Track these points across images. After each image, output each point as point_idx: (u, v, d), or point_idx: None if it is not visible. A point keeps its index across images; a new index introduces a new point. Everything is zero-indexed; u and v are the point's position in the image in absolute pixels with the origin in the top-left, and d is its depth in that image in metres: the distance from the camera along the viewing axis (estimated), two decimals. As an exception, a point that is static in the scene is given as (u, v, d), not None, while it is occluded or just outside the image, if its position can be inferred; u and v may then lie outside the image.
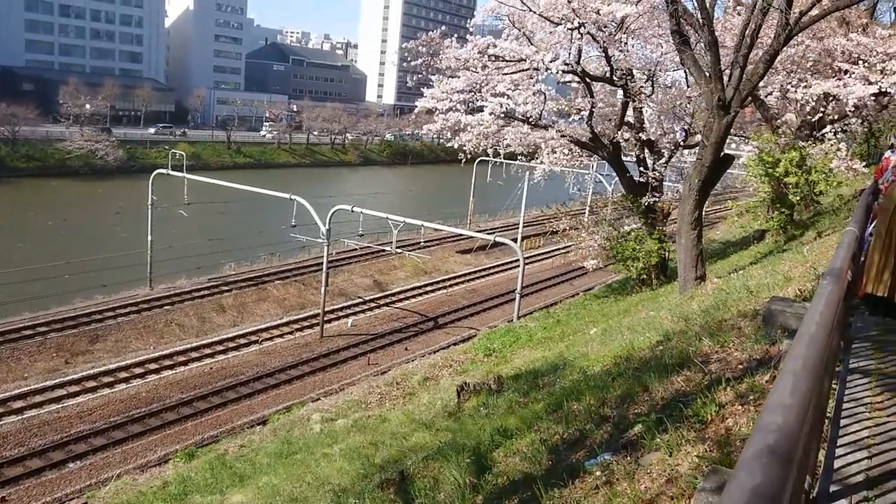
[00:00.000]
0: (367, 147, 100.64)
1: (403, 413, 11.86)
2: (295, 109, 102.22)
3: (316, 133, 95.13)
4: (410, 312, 30.37)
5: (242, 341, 25.69)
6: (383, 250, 32.58)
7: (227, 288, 30.33)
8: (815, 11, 11.99)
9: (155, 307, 27.40)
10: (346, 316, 29.37)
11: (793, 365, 1.01)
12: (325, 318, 27.13)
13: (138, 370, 22.42)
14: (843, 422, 3.75)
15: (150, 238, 29.75)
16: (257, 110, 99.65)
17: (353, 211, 27.24)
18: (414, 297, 32.67)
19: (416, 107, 19.40)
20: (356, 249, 34.66)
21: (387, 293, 32.57)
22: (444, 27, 19.27)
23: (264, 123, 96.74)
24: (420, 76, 19.52)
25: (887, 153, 6.59)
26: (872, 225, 6.25)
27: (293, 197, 28.04)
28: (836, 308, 1.42)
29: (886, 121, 27.68)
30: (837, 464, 3.24)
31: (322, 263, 27.44)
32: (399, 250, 30.56)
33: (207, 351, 24.46)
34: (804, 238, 15.22)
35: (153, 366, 22.86)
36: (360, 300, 31.25)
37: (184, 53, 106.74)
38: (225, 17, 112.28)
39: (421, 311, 30.65)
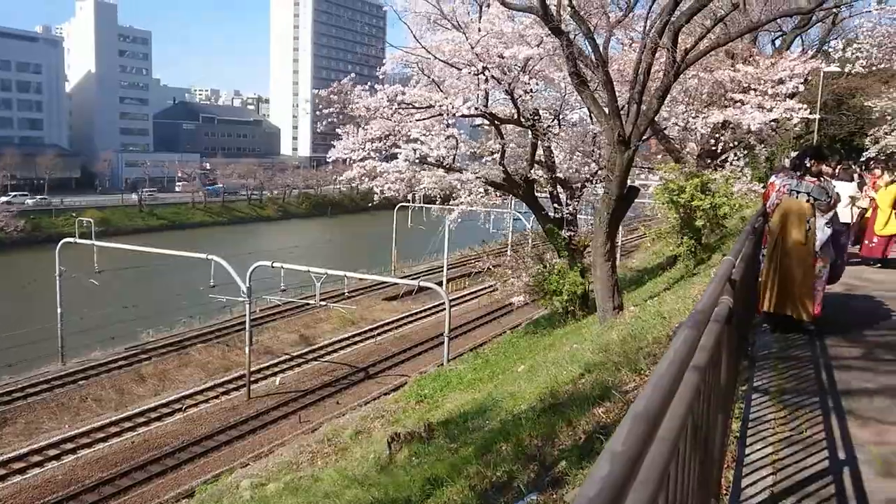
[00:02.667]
0: (285, 201, 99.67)
1: (336, 470, 11.56)
2: (208, 167, 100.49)
3: (230, 191, 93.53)
4: (340, 365, 29.87)
5: (165, 410, 24.60)
6: (307, 304, 32.07)
7: (145, 356, 29.14)
8: (700, 47, 12.76)
9: (68, 383, 26.02)
10: (274, 374, 28.60)
11: (633, 409, 1.05)
12: (252, 379, 26.36)
13: (53, 452, 21.09)
14: (748, 440, 3.88)
15: (59, 310, 28.37)
16: (168, 171, 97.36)
17: (273, 266, 26.80)
18: (342, 348, 32.17)
19: (331, 157, 19.45)
20: (279, 305, 34.00)
21: (314, 347, 31.96)
22: (353, 74, 19.45)
23: (177, 183, 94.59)
24: (332, 123, 19.57)
25: (772, 178, 6.99)
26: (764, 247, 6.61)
27: (210, 257, 27.38)
28: (690, 353, 1.48)
29: (778, 144, 29.47)
30: (745, 483, 3.35)
31: (245, 322, 26.76)
32: (323, 303, 30.17)
33: (128, 424, 23.28)
34: (712, 261, 15.88)
35: (69, 445, 21.57)
36: (288, 357, 30.53)
37: (88, 117, 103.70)
38: (130, 78, 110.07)
39: (350, 362, 30.19)
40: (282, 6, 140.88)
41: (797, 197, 6.44)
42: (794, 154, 10.84)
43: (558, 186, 20.20)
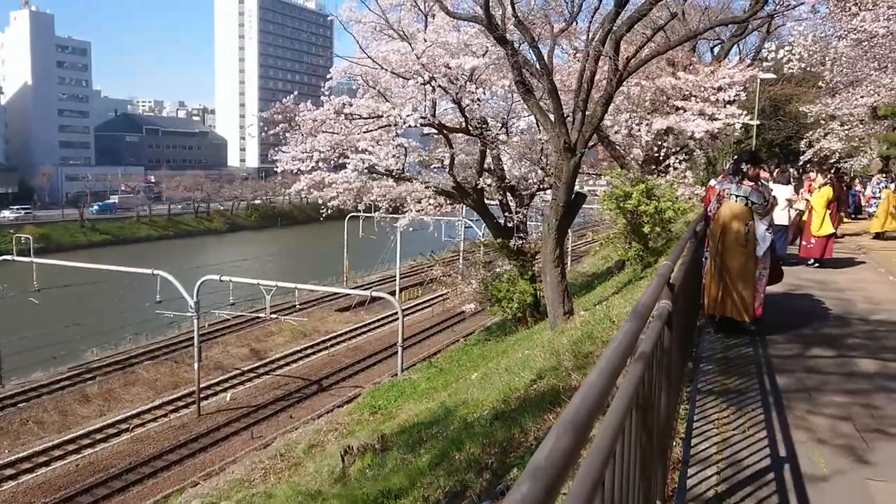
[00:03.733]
0: (233, 213, 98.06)
1: (289, 486, 11.38)
2: (153, 180, 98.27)
3: (179, 204, 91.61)
4: (292, 378, 29.44)
5: (111, 431, 23.84)
6: (258, 317, 31.57)
7: (90, 375, 28.22)
8: (641, 55, 13.04)
9: (8, 406, 25.02)
10: (225, 390, 28.01)
11: (559, 421, 1.05)
12: (202, 395, 25.77)
13: (-9, 479, 20.26)
14: (693, 441, 3.95)
15: (-4, 331, 27.35)
16: (111, 184, 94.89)
17: (221, 280, 26.31)
18: (295, 361, 31.72)
19: (280, 169, 19.25)
20: (229, 320, 33.39)
21: (266, 361, 31.44)
22: (296, 93, 19.25)
23: (119, 197, 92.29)
24: (278, 138, 19.35)
25: (712, 181, 7.18)
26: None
27: (156, 272, 26.75)
28: (622, 361, 1.50)
29: (720, 149, 30.30)
30: (690, 483, 3.41)
31: (193, 338, 26.19)
32: (274, 316, 29.73)
33: (72, 447, 22.49)
34: (659, 264, 16.19)
35: (9, 471, 20.70)
36: (239, 371, 29.96)
37: (25, 130, 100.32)
38: (69, 90, 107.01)
39: (303, 375, 29.79)
40: (226, 16, 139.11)
41: (736, 200, 6.62)
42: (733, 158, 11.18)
43: (508, 194, 20.35)
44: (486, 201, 20.91)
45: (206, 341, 30.34)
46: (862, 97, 22.46)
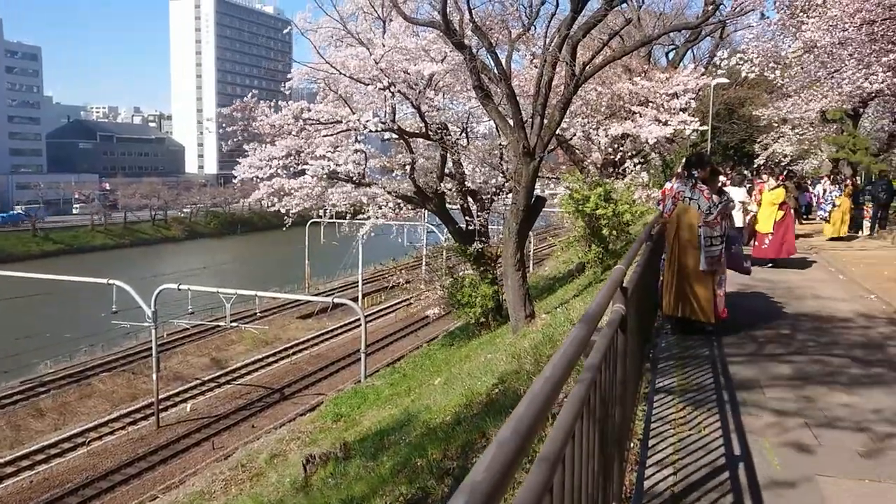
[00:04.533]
0: (191, 220, 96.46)
1: (250, 497, 11.23)
2: (108, 188, 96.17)
3: (134, 211, 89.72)
4: (254, 387, 29.05)
5: (67, 445, 23.21)
6: (218, 326, 31.09)
7: (43, 389, 27.45)
8: (597, 60, 13.22)
9: (-44, 422, 24.23)
10: (185, 401, 27.49)
11: (500, 433, 1.04)
12: (161, 407, 25.27)
13: (-60, 499, 19.57)
14: (651, 442, 4.00)
15: (-56, 346, 26.44)
16: (65, 192, 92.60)
17: (180, 289, 25.84)
18: (256, 370, 31.29)
19: (238, 176, 19.02)
20: (188, 329, 32.81)
21: (227, 370, 30.94)
22: (255, 91, 19.06)
23: (74, 205, 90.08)
24: (237, 142, 19.12)
25: (667, 184, 7.28)
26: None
27: (111, 281, 26.17)
28: (568, 369, 1.50)
29: (676, 152, 30.84)
30: (647, 484, 3.44)
31: (151, 348, 25.67)
32: (234, 324, 29.32)
33: (25, 463, 21.83)
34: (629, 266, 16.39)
35: (-42, 490, 20.06)
36: (199, 381, 29.43)
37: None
38: (19, 96, 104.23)
39: (265, 383, 29.41)
40: (182, 20, 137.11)
41: (689, 203, 6.72)
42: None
43: (469, 198, 20.40)
44: (448, 206, 20.92)
45: (164, 351, 29.77)
46: (812, 101, 23.10)
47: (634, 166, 21.80)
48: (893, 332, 7.26)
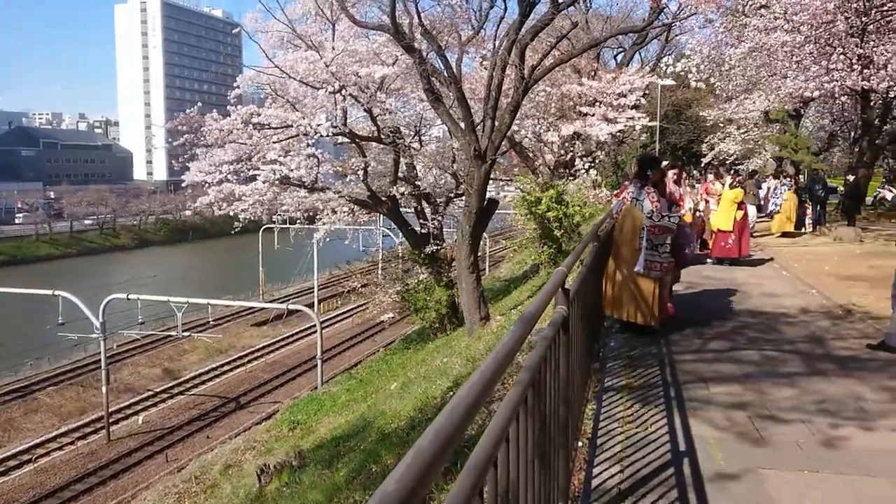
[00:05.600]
0: (141, 228, 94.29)
1: (204, 510, 11.03)
2: (52, 196, 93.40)
3: (84, 221, 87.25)
4: (208, 397, 28.51)
5: (12, 463, 22.42)
6: (169, 336, 30.43)
7: (-14, 405, 26.52)
8: (546, 63, 13.35)
9: None
10: (136, 413, 26.83)
11: (417, 444, 1.03)
12: (112, 420, 24.61)
13: None
14: (599, 440, 4.04)
15: None
16: (7, 201, 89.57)
17: (129, 299, 25.25)
18: (210, 379, 30.72)
19: (187, 182, 18.69)
20: (138, 340, 32.04)
21: (180, 380, 30.31)
22: (199, 104, 18.71)
23: (17, 215, 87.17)
24: (185, 149, 18.76)
25: (626, 183, 7.36)
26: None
27: (57, 292, 25.41)
28: (500, 373, 1.50)
29: (627, 153, 31.36)
30: (595, 483, 3.48)
31: (100, 360, 24.99)
32: (186, 333, 28.74)
33: (-33, 483, 21.05)
34: (573, 267, 16.57)
35: None
36: (151, 393, 28.77)
37: None
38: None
39: (220, 393, 28.89)
40: (128, 24, 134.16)
41: (635, 205, 6.78)
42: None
43: (423, 202, 20.40)
44: (402, 209, 20.88)
45: (114, 363, 29.03)
46: (755, 102, 23.74)
47: (585, 167, 22.07)
48: (832, 325, 7.50)
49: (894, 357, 6.07)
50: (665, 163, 10.04)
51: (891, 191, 6.90)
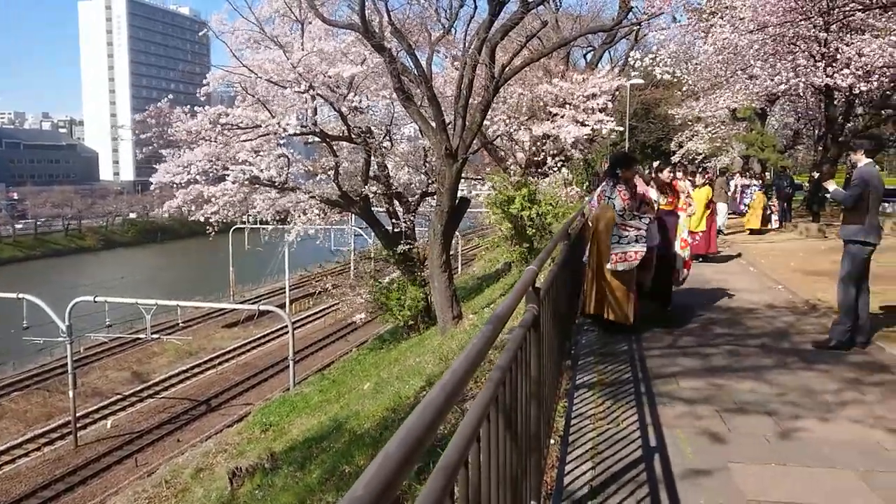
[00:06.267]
0: (108, 229, 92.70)
1: (175, 514, 10.89)
2: (16, 197, 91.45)
3: (43, 220, 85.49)
4: (178, 400, 28.13)
5: (-24, 471, 21.96)
6: (138, 338, 29.98)
7: (-52, 413, 25.88)
8: (515, 63, 13.40)
9: None
10: (104, 417, 26.39)
11: (387, 445, 1.03)
12: (79, 425, 24.16)
13: None
14: (571, 438, 4.07)
15: None
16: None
17: (96, 301, 24.81)
18: (180, 382, 30.30)
19: (155, 183, 18.45)
20: (106, 343, 31.53)
21: (149, 383, 29.86)
22: (171, 96, 18.48)
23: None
24: (154, 149, 18.50)
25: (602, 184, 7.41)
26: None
27: (22, 295, 24.89)
28: (469, 375, 1.51)
29: (597, 151, 31.59)
30: (567, 480, 3.50)
31: (67, 364, 24.53)
32: (156, 336, 28.33)
33: (-71, 492, 20.53)
34: (544, 266, 16.67)
35: None
36: (120, 396, 28.31)
37: None
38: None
39: (190, 396, 28.53)
40: (92, 22, 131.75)
41: (608, 203, 6.83)
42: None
43: (395, 201, 20.36)
44: (374, 209, 20.82)
45: (81, 367, 28.53)
46: (723, 100, 24.07)
47: (556, 165, 22.20)
48: (797, 320, 7.65)
49: (850, 351, 6.23)
50: (656, 163, 10.20)
51: (833, 184, 7.06)
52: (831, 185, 6.96)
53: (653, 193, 7.61)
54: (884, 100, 18.62)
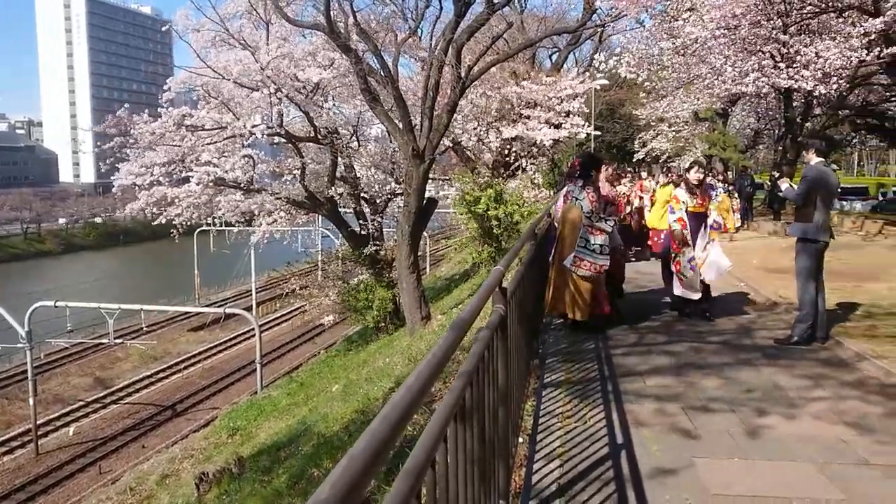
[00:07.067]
0: (69, 232, 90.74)
1: (140, 522, 10.71)
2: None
3: (1, 223, 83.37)
4: (143, 405, 27.68)
5: (-69, 482, 21.32)
6: (101, 344, 29.40)
7: None
8: (481, 64, 13.44)
9: None
10: (67, 424, 25.84)
11: (352, 450, 1.03)
12: (40, 433, 23.61)
13: None
14: (539, 437, 4.10)
15: None
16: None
17: (57, 306, 24.28)
18: (145, 387, 29.81)
19: (117, 185, 18.12)
20: (68, 348, 30.85)
21: (112, 389, 29.31)
22: (127, 106, 18.14)
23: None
24: (114, 158, 18.13)
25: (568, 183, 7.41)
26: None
27: (-22, 301, 24.26)
28: (433, 378, 1.51)
29: (563, 151, 31.83)
30: (535, 479, 3.52)
31: (27, 370, 23.96)
32: (119, 340, 27.80)
33: None
34: (511, 266, 16.75)
35: None
36: (82, 403, 27.75)
37: None
38: None
39: (155, 401, 28.08)
40: (51, 21, 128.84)
41: (575, 204, 6.87)
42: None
43: (362, 202, 20.28)
44: (341, 210, 20.71)
45: (42, 373, 27.92)
46: (684, 102, 24.43)
47: (526, 166, 22.32)
48: (759, 317, 7.80)
49: (809, 347, 6.36)
50: (687, 163, 10.26)
51: (786, 182, 7.22)
52: (784, 184, 7.11)
53: (681, 194, 7.66)
54: (840, 101, 19.07)
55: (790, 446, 4.08)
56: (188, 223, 18.63)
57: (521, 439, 4.05)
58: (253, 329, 25.88)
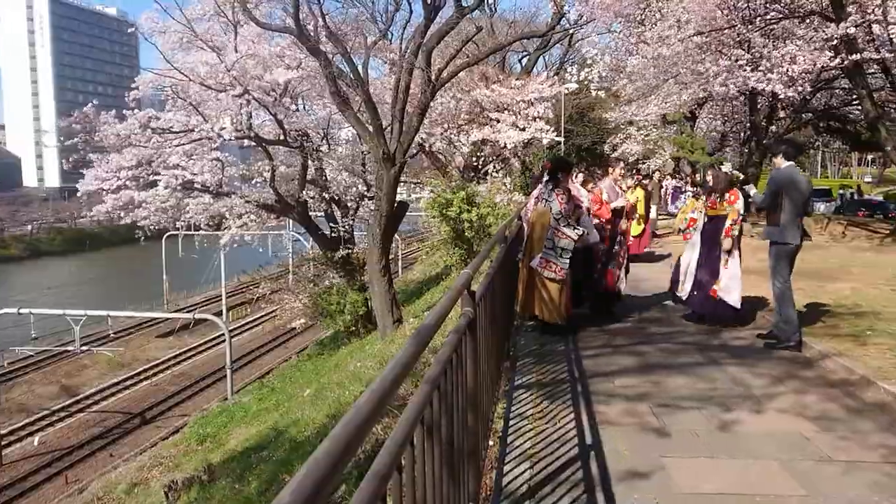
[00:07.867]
0: (33, 237, 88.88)
1: (108, 532, 10.53)
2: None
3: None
4: (111, 413, 27.19)
5: None
6: (66, 351, 28.84)
7: None
8: (451, 67, 13.49)
9: None
10: (31, 434, 25.29)
11: (314, 455, 1.03)
12: (3, 443, 23.11)
13: None
14: (510, 438, 4.11)
15: None
16: None
17: (20, 313, 23.80)
18: (113, 395, 29.27)
19: (83, 190, 17.79)
20: (32, 356, 30.24)
21: (79, 397, 28.74)
22: (96, 101, 17.86)
23: None
24: (81, 154, 17.82)
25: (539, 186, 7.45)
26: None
27: (-62, 309, 23.69)
28: (398, 384, 1.52)
29: (534, 154, 32.00)
30: (506, 480, 3.54)
31: (-11, 380, 23.46)
32: (85, 348, 27.33)
33: None
34: (482, 268, 16.80)
35: None
36: (47, 412, 27.18)
37: None
38: None
39: (124, 408, 27.60)
40: (12, 22, 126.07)
41: (545, 206, 6.92)
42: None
43: (333, 205, 20.19)
44: (312, 213, 20.59)
45: (5, 382, 27.36)
46: (654, 105, 24.71)
47: (496, 170, 22.43)
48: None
49: (782, 346, 6.46)
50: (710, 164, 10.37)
51: (753, 188, 7.35)
52: (752, 190, 7.23)
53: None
54: (804, 104, 19.45)
55: (755, 444, 4.16)
56: (155, 227, 18.39)
57: (491, 441, 4.07)
58: (223, 334, 25.58)
